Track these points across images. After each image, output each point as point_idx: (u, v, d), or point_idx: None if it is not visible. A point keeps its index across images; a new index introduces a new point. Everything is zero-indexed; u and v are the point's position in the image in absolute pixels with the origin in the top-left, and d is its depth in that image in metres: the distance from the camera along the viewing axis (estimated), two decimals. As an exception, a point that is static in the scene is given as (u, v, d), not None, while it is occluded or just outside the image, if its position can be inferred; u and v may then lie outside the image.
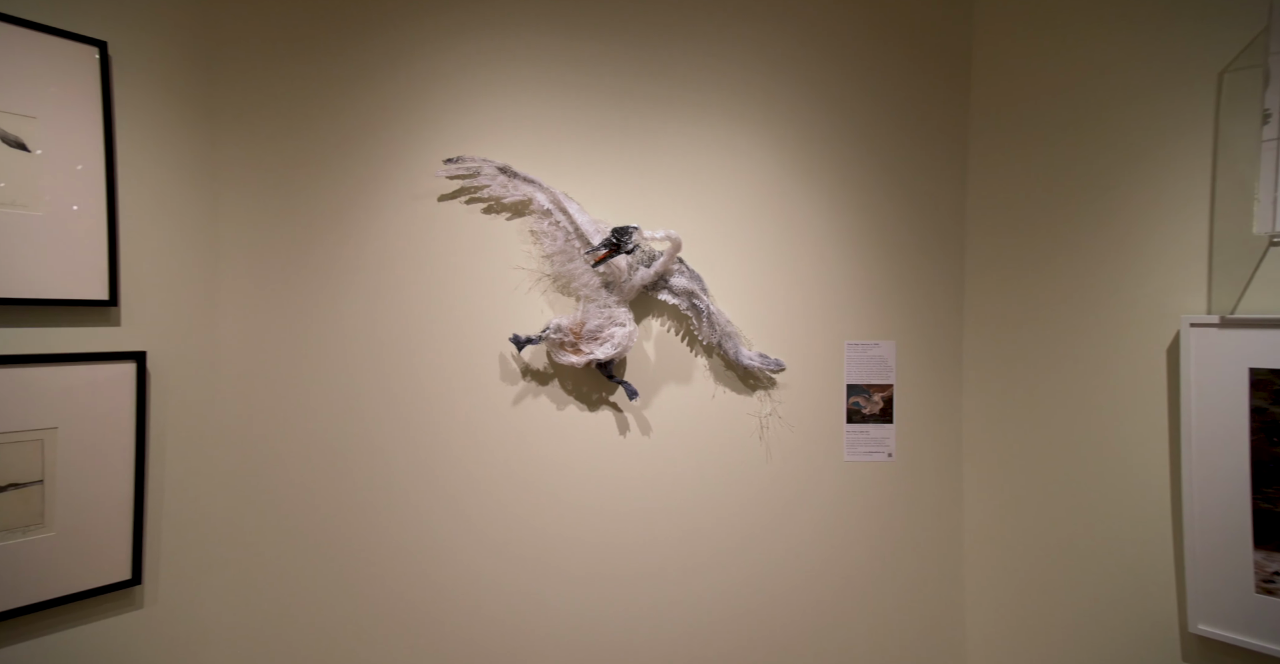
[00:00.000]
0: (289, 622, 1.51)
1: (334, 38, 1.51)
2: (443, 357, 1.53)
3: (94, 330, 1.30)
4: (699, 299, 1.51)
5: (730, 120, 1.54)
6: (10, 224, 1.18)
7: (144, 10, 1.37)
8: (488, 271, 1.54)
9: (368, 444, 1.53)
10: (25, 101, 1.20)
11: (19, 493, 1.20)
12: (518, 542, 1.53)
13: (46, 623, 1.25)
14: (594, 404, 1.54)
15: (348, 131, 1.53)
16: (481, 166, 1.51)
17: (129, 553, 1.32)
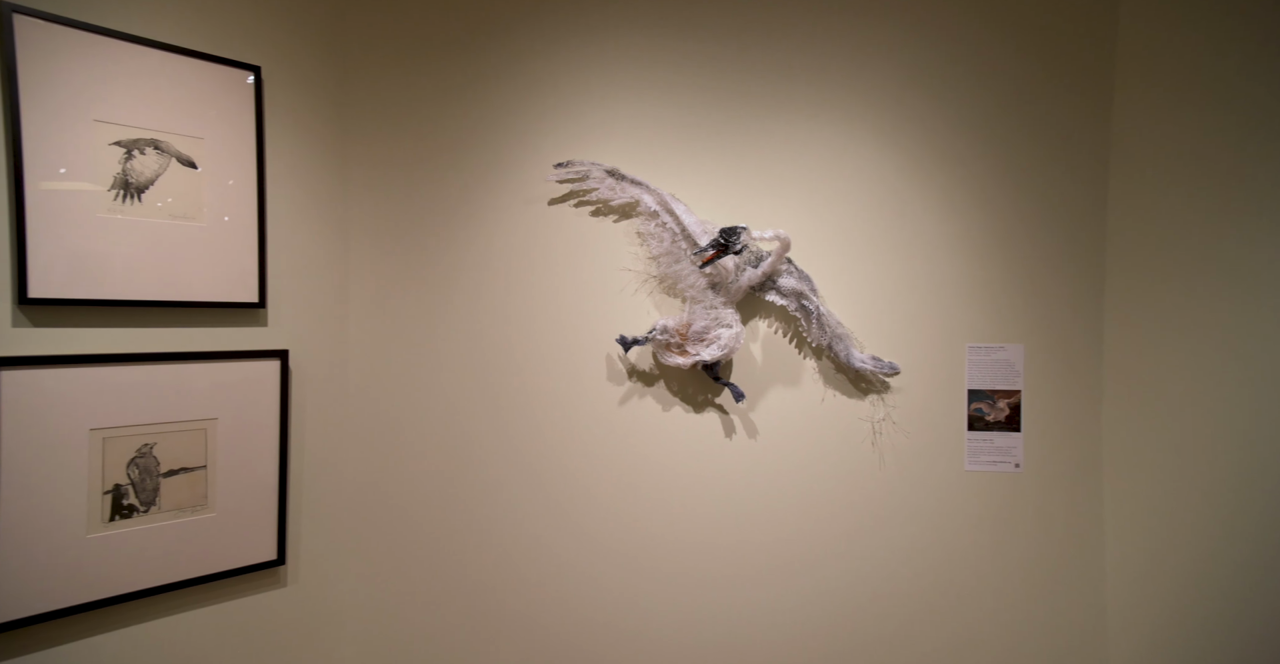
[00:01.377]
0: (410, 606, 1.61)
1: (449, 49, 1.59)
2: (551, 357, 1.58)
3: (245, 330, 1.43)
4: (808, 300, 1.47)
5: (843, 120, 1.48)
6: (180, 235, 1.32)
7: (291, 35, 1.50)
8: (595, 273, 1.57)
9: (479, 440, 1.60)
10: (195, 124, 1.33)
11: (187, 476, 1.33)
12: (620, 541, 1.55)
13: (207, 595, 1.39)
14: (699, 406, 1.54)
15: (463, 141, 1.60)
16: (590, 170, 1.54)
17: (275, 535, 1.45)
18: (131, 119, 1.26)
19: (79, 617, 1.23)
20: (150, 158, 1.29)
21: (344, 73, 1.60)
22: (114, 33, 1.24)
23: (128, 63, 1.26)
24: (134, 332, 1.30)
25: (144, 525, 1.29)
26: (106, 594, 1.24)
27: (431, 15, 1.59)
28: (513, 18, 1.56)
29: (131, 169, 1.27)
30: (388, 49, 1.60)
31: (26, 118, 1.15)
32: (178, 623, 1.35)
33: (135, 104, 1.27)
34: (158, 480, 1.30)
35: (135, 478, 1.28)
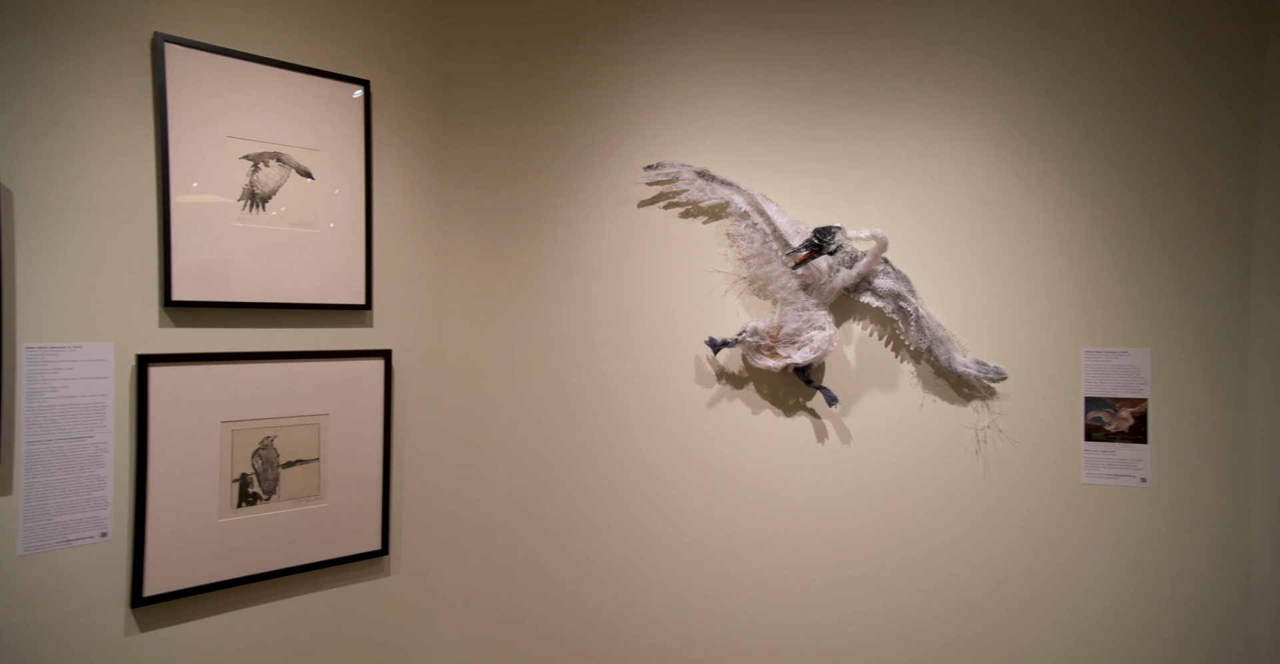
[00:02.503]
0: (501, 600, 1.65)
1: (544, 53, 1.64)
2: (640, 359, 1.59)
3: (353, 331, 1.52)
4: (906, 301, 1.41)
5: (941, 118, 1.41)
6: (297, 241, 1.41)
7: (397, 49, 1.59)
8: (684, 275, 1.57)
9: (568, 440, 1.63)
10: (312, 136, 1.43)
11: (303, 468, 1.42)
12: (705, 542, 1.54)
13: (318, 581, 1.47)
14: (790, 409, 1.51)
15: (555, 143, 1.64)
16: (680, 171, 1.55)
17: (379, 526, 1.52)
18: (258, 134, 1.37)
19: (212, 594, 1.34)
20: (274, 170, 1.38)
21: (444, 79, 1.68)
22: (244, 55, 1.35)
23: (255, 82, 1.36)
24: (256, 332, 1.40)
25: (266, 512, 1.38)
26: (235, 575, 1.34)
27: (527, 20, 1.64)
28: (607, 21, 1.59)
29: (258, 181, 1.37)
30: (485, 54, 1.67)
31: (173, 137, 1.26)
32: (294, 606, 1.44)
33: (261, 120, 1.37)
34: (278, 471, 1.40)
35: (259, 468, 1.38)
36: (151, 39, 1.25)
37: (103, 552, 1.23)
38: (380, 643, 1.55)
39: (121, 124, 1.25)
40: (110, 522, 1.23)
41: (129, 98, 1.25)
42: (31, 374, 1.16)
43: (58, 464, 1.19)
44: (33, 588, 1.16)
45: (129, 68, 1.25)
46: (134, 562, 1.24)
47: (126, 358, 1.25)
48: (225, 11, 1.35)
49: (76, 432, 1.20)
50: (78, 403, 1.20)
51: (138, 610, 1.25)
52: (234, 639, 1.37)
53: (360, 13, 1.53)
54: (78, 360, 1.21)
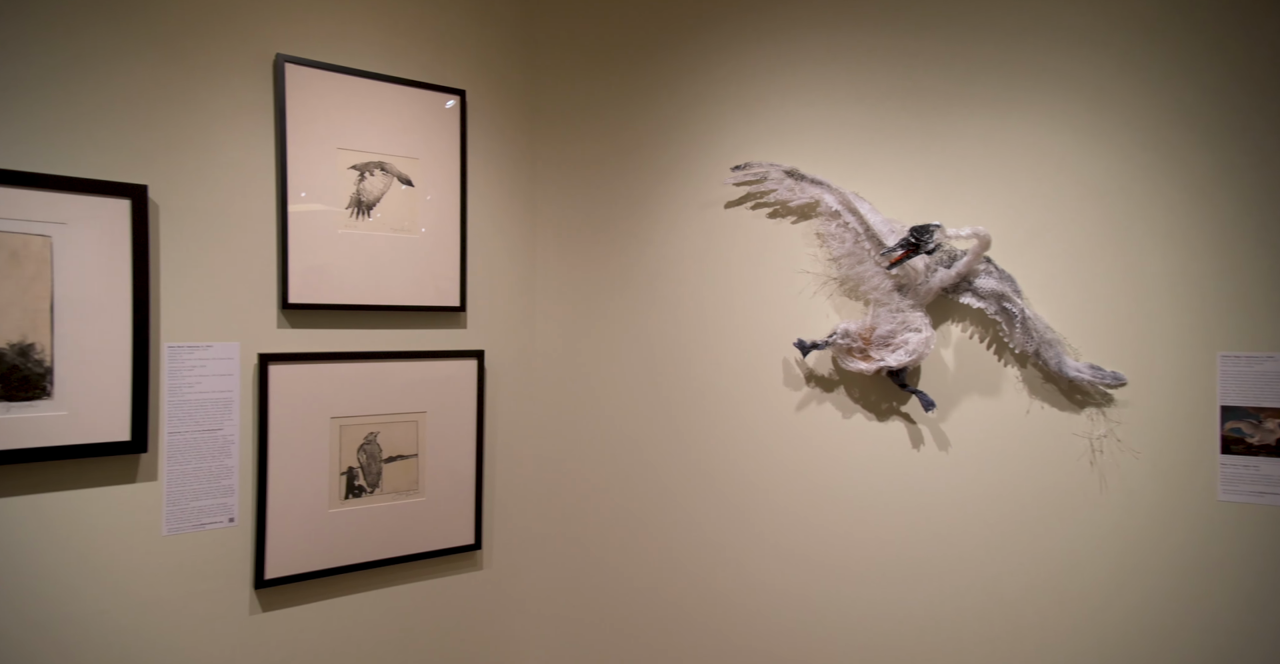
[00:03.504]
0: (591, 598, 1.68)
1: (632, 54, 1.66)
2: (727, 360, 1.58)
3: (448, 332, 1.58)
4: (1010, 302, 1.34)
5: (1044, 114, 1.32)
6: (398, 246, 1.49)
7: (490, 57, 1.65)
8: (772, 276, 1.55)
9: (655, 440, 1.63)
10: (412, 145, 1.50)
11: (403, 463, 1.50)
12: (792, 545, 1.51)
13: (416, 572, 1.54)
14: (883, 414, 1.46)
15: (642, 145, 1.65)
16: (768, 171, 1.52)
17: (472, 521, 1.58)
18: (364, 145, 1.44)
19: (323, 580, 1.43)
20: (378, 178, 1.46)
21: (534, 85, 1.73)
22: (352, 70, 1.43)
23: (362, 95, 1.44)
24: (360, 332, 1.48)
25: (370, 505, 1.46)
26: (342, 563, 1.43)
27: (616, 25, 1.66)
28: (695, 23, 1.59)
29: (363, 189, 1.45)
30: (574, 59, 1.70)
31: (291, 150, 1.36)
32: (395, 594, 1.52)
33: (367, 131, 1.45)
34: (380, 465, 1.47)
35: (363, 462, 1.46)
36: (274, 60, 1.35)
37: (230, 535, 1.33)
38: (473, 634, 1.61)
39: (247, 140, 1.35)
40: (237, 508, 1.34)
41: (254, 115, 1.36)
42: (172, 371, 1.28)
43: (193, 454, 1.30)
44: (173, 566, 1.28)
45: (254, 88, 1.35)
46: (256, 546, 1.34)
47: (250, 356, 1.36)
48: (337, 30, 1.44)
49: (208, 424, 1.31)
50: (209, 398, 1.31)
51: (260, 591, 1.36)
52: (342, 623, 1.45)
53: (458, 25, 1.60)
54: (209, 359, 1.32)
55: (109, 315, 1.21)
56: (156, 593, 1.27)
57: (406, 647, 1.53)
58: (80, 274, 1.18)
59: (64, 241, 1.17)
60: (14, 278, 1.12)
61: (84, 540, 1.22)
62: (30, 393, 1.14)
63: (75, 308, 1.18)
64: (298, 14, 1.40)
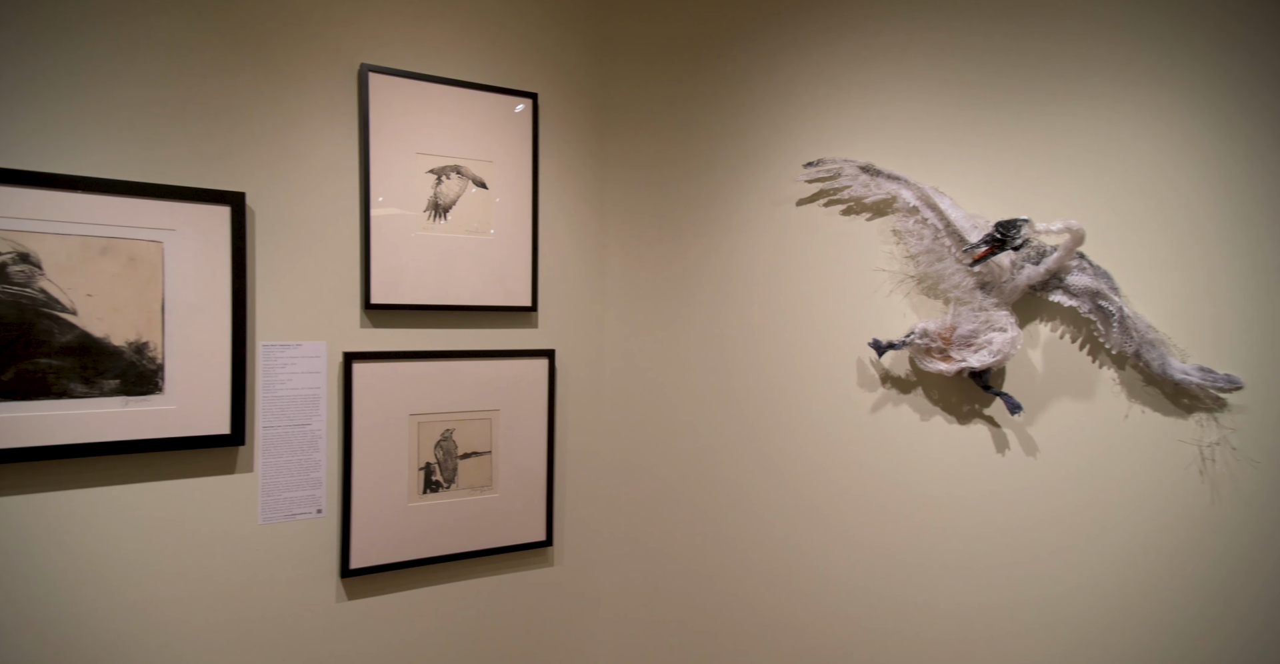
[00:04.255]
0: (662, 596, 1.68)
1: (704, 52, 1.65)
2: (798, 360, 1.55)
3: (520, 331, 1.61)
4: (1107, 300, 1.26)
5: (1135, 111, 1.25)
6: (473, 247, 1.52)
7: (561, 59, 1.67)
8: (845, 274, 1.51)
9: (726, 440, 1.62)
10: (487, 148, 1.53)
11: (477, 460, 1.53)
12: (875, 548, 1.47)
13: (489, 567, 1.58)
14: (964, 416, 1.40)
15: (712, 143, 1.64)
16: (842, 167, 1.49)
17: (544, 517, 1.61)
18: (441, 149, 1.49)
19: (402, 572, 1.48)
20: (454, 182, 1.50)
21: (605, 85, 1.74)
22: (430, 77, 1.47)
23: (439, 101, 1.48)
24: (436, 332, 1.53)
25: (446, 500, 1.50)
26: (420, 555, 1.47)
27: (686, 21, 1.66)
28: (767, 20, 1.57)
29: (440, 192, 1.49)
30: (644, 58, 1.71)
31: (374, 156, 1.41)
32: (469, 588, 1.56)
33: (443, 135, 1.49)
34: (456, 461, 1.51)
35: (440, 458, 1.50)
36: (359, 70, 1.41)
37: (318, 526, 1.40)
38: (544, 629, 1.64)
39: (334, 147, 1.41)
40: (324, 500, 1.40)
41: (340, 123, 1.42)
42: (266, 368, 1.35)
43: (285, 447, 1.36)
44: (268, 553, 1.35)
45: (340, 97, 1.41)
46: (342, 537, 1.40)
47: (335, 355, 1.42)
48: (417, 39, 1.49)
49: (298, 419, 1.38)
50: (299, 394, 1.38)
51: (346, 581, 1.41)
52: (420, 614, 1.50)
53: (531, 29, 1.63)
54: (299, 357, 1.38)
55: (211, 315, 1.29)
56: (253, 578, 1.34)
57: (480, 639, 1.57)
58: (186, 277, 1.26)
59: (173, 247, 1.25)
60: (132, 281, 1.21)
61: (189, 526, 1.30)
62: (145, 388, 1.23)
63: (182, 308, 1.26)
64: (380, 25, 1.45)
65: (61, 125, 1.19)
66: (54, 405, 1.16)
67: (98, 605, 1.23)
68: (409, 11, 1.49)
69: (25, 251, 1.13)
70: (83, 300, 1.18)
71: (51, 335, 1.15)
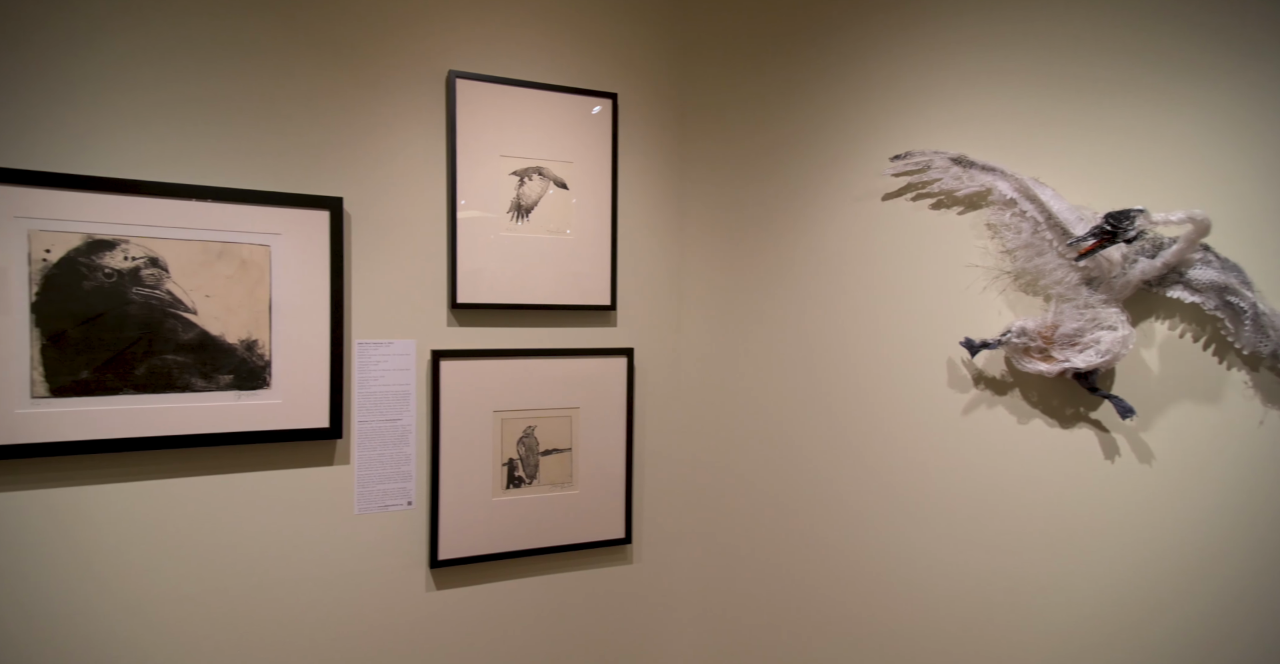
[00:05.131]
0: (742, 596, 1.66)
1: (785, 48, 1.61)
2: (884, 359, 1.50)
3: (599, 330, 1.63)
4: (1237, 296, 1.15)
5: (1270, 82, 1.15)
6: (553, 247, 1.55)
7: (641, 59, 1.68)
8: (934, 271, 1.45)
9: (807, 440, 1.58)
10: (567, 149, 1.56)
11: (558, 456, 1.56)
12: (966, 556, 1.40)
13: (569, 562, 1.60)
14: (1068, 420, 1.32)
15: (793, 140, 1.61)
16: (932, 160, 1.43)
17: (623, 515, 1.62)
18: (523, 151, 1.52)
19: (486, 564, 1.52)
20: (535, 183, 1.53)
21: (684, 83, 1.74)
22: (513, 81, 1.51)
23: (522, 103, 1.52)
24: (518, 330, 1.56)
25: (528, 495, 1.54)
26: (503, 549, 1.51)
27: (768, 17, 1.63)
28: (849, 14, 1.52)
29: (523, 194, 1.52)
30: (723, 56, 1.69)
31: (460, 160, 1.46)
32: (549, 582, 1.58)
33: (526, 137, 1.53)
34: (538, 458, 1.54)
35: (522, 454, 1.53)
36: (446, 76, 1.46)
37: (408, 517, 1.46)
38: (623, 625, 1.65)
39: (423, 152, 1.47)
40: (414, 492, 1.46)
41: (428, 129, 1.47)
42: (361, 366, 1.41)
43: (378, 441, 1.43)
44: (363, 542, 1.42)
45: (429, 103, 1.47)
46: (431, 528, 1.45)
47: (424, 352, 1.47)
48: (501, 44, 1.54)
49: (390, 414, 1.44)
50: (391, 390, 1.44)
51: (434, 571, 1.47)
52: (503, 607, 1.54)
53: (611, 30, 1.65)
54: (391, 355, 1.44)
55: (312, 314, 1.36)
56: (349, 566, 1.41)
57: (560, 633, 1.60)
58: (290, 278, 1.34)
59: (279, 250, 1.33)
60: (243, 283, 1.30)
61: (293, 514, 1.38)
62: (254, 383, 1.31)
63: (286, 308, 1.34)
64: (466, 32, 1.50)
65: (178, 137, 1.29)
66: (178, 398, 1.25)
67: (224, 585, 1.33)
68: (494, 18, 1.53)
69: (155, 256, 1.23)
70: (202, 301, 1.27)
71: (176, 333, 1.25)
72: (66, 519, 1.23)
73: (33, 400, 1.16)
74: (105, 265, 1.20)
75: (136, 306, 1.22)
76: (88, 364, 1.20)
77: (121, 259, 1.21)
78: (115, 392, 1.21)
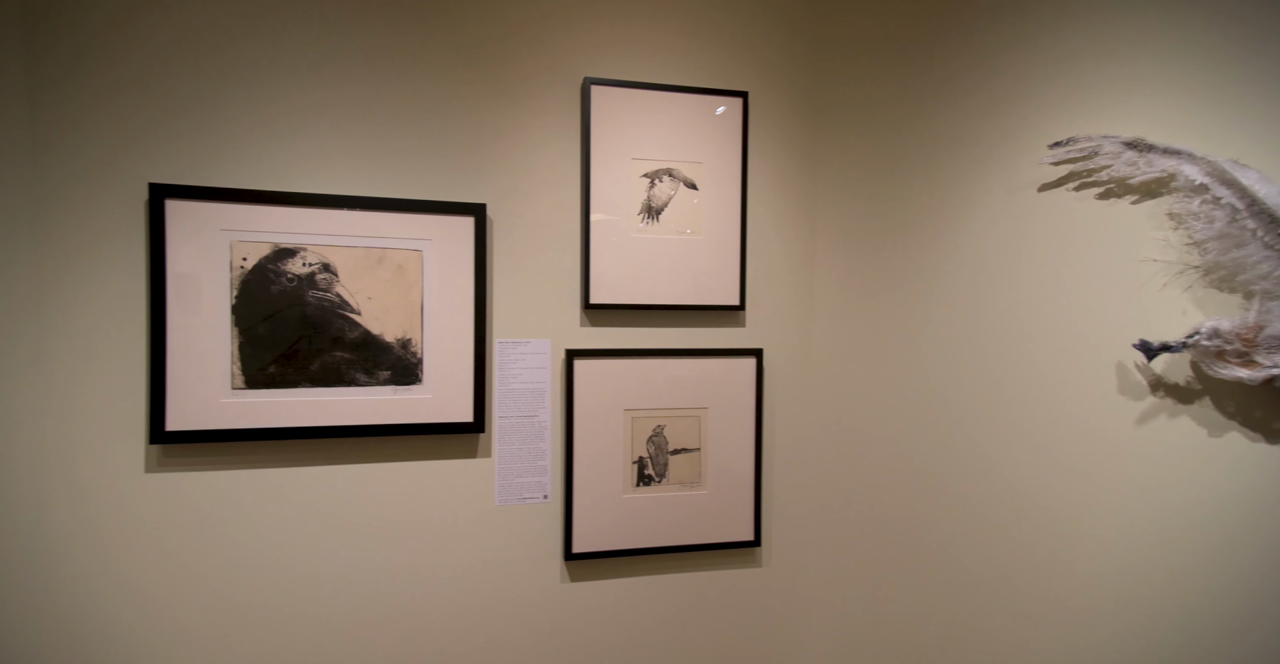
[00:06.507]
0: (878, 606, 1.59)
1: (923, 49, 1.53)
2: (1042, 363, 1.38)
3: (728, 330, 1.61)
4: None
5: None
6: (683, 248, 1.55)
7: (772, 56, 1.65)
8: (1101, 267, 1.31)
9: (948, 447, 1.49)
10: (697, 150, 1.56)
11: (687, 456, 1.56)
12: (1138, 581, 1.27)
13: (697, 562, 1.60)
14: (1275, 435, 1.16)
15: (933, 136, 1.51)
16: (1100, 144, 1.30)
17: (751, 517, 1.60)
18: (654, 153, 1.54)
19: (616, 560, 1.55)
20: (665, 184, 1.54)
21: (817, 81, 1.69)
22: (643, 84, 1.52)
23: (652, 106, 1.53)
24: (647, 330, 1.57)
25: (657, 494, 1.55)
26: (632, 546, 1.53)
27: (907, 13, 1.56)
28: (1000, 8, 1.43)
29: (653, 195, 1.54)
30: (860, 51, 1.63)
31: (594, 163, 1.49)
32: (678, 581, 1.59)
33: (656, 139, 1.54)
34: (667, 457, 1.55)
35: (652, 453, 1.55)
36: (581, 83, 1.50)
37: (544, 511, 1.51)
38: (752, 630, 1.63)
39: (559, 157, 1.52)
40: (549, 486, 1.51)
41: (564, 134, 1.52)
42: (501, 364, 1.48)
43: (516, 436, 1.49)
44: (503, 533, 1.49)
45: (564, 109, 1.52)
46: (565, 522, 1.50)
47: (558, 352, 1.52)
48: (632, 47, 1.56)
49: (527, 411, 1.50)
50: (528, 387, 1.50)
51: (569, 563, 1.51)
52: (633, 602, 1.56)
53: (742, 28, 1.63)
54: (527, 353, 1.50)
55: (457, 315, 1.44)
56: (490, 554, 1.48)
57: (689, 632, 1.60)
58: (439, 281, 1.43)
59: (430, 254, 1.42)
60: (399, 286, 1.39)
61: (441, 503, 1.47)
62: (408, 379, 1.41)
63: (435, 309, 1.43)
64: (601, 37, 1.54)
65: (340, 152, 1.41)
66: (344, 392, 1.37)
67: (378, 566, 1.44)
68: (628, 22, 1.55)
69: (327, 262, 1.35)
70: (364, 303, 1.38)
71: (344, 333, 1.37)
72: (248, 498, 1.38)
73: (232, 391, 1.31)
74: (288, 271, 1.33)
75: (311, 308, 1.35)
76: (273, 360, 1.33)
77: (300, 265, 1.34)
78: (295, 385, 1.35)
